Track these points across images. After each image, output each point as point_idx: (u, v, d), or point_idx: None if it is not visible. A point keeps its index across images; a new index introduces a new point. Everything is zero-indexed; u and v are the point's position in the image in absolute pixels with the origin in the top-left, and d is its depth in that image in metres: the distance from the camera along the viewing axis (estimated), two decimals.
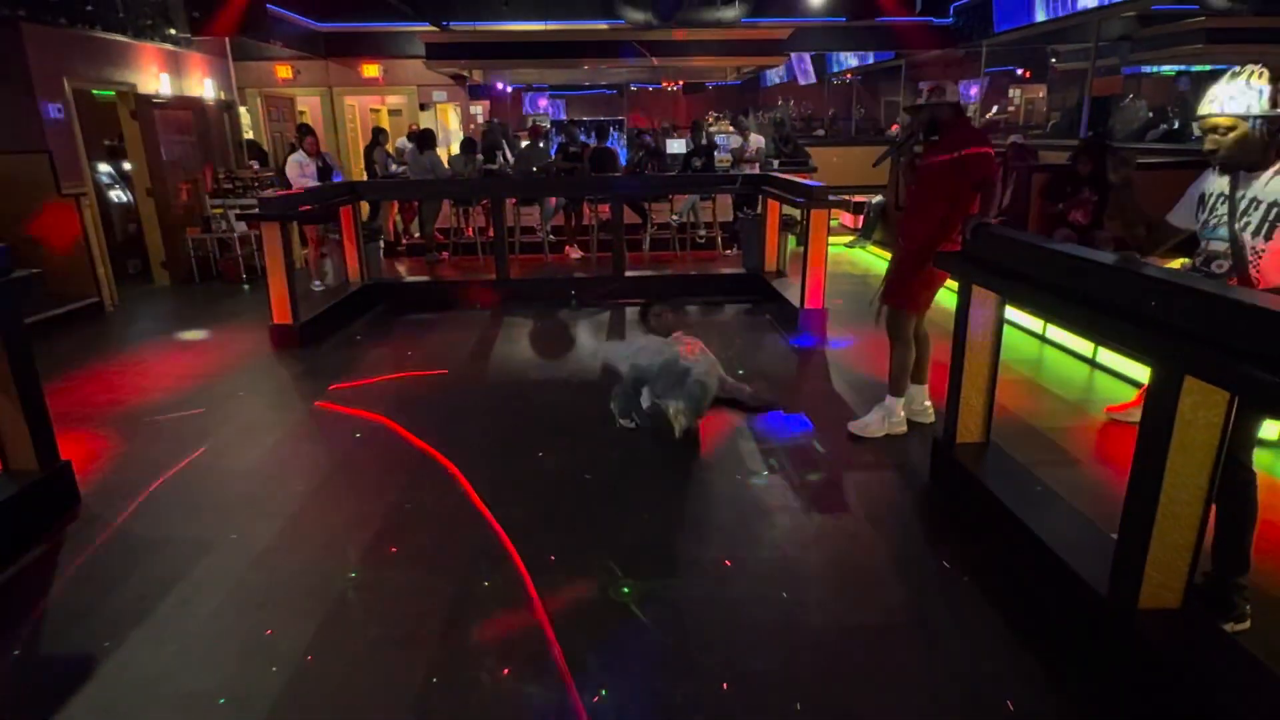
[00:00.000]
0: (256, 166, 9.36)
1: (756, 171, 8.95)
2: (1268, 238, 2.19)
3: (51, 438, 3.18)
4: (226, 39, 9.32)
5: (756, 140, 10.52)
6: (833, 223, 6.47)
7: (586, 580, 2.72)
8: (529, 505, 3.26)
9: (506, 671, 2.27)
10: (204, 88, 9.19)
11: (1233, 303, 1.82)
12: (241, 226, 8.07)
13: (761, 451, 3.74)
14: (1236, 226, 2.27)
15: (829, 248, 5.79)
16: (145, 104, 7.62)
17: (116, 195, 8.18)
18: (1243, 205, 2.26)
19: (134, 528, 3.15)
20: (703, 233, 9.26)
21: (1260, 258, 2.22)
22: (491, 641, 2.41)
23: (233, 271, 8.17)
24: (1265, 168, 2.22)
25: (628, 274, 7.06)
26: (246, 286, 7.84)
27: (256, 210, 5.63)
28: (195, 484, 3.53)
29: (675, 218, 9.05)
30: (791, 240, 7.41)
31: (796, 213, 6.83)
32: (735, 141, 10.75)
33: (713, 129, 12.48)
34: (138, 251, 8.13)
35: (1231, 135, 2.22)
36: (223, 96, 9.48)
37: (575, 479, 3.49)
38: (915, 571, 2.81)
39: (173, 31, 8.34)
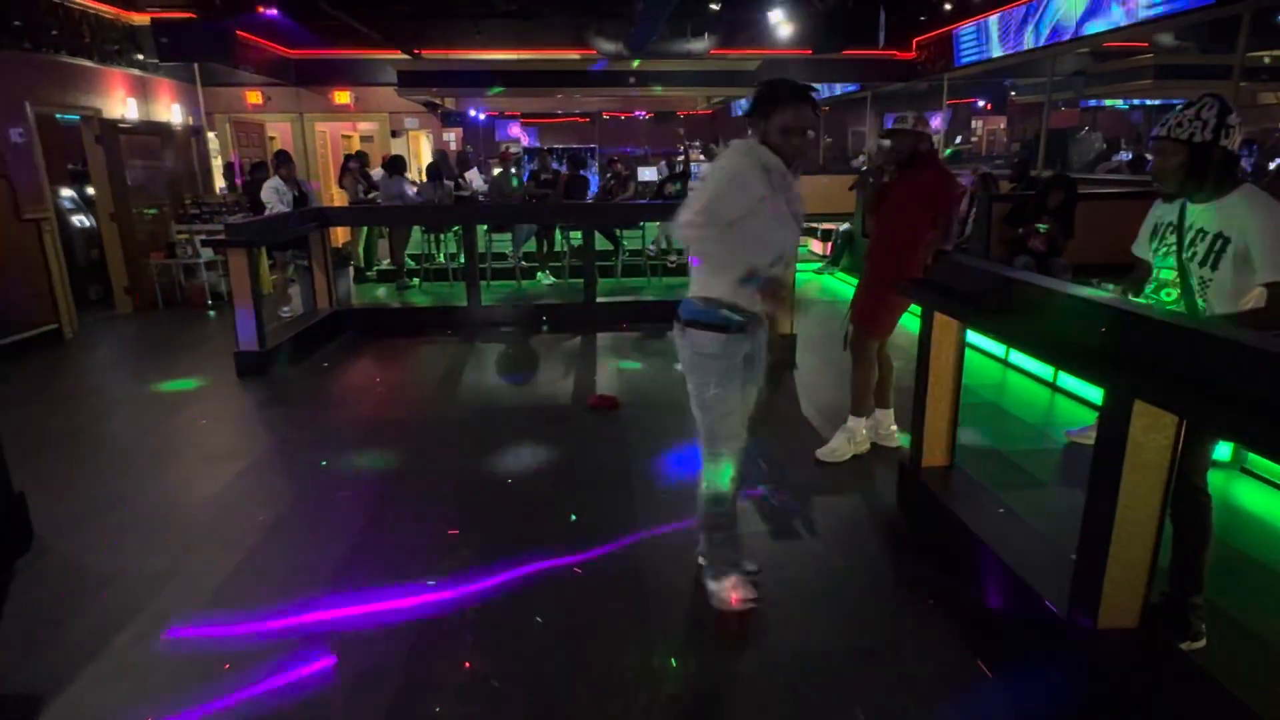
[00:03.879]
0: (225, 195, 9.28)
1: None
2: (1214, 267, 2.27)
3: (4, 468, 3.08)
4: (195, 65, 9.29)
5: None
6: (801, 250, 6.58)
7: (552, 610, 2.70)
8: (497, 535, 3.23)
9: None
10: (172, 113, 9.14)
11: (1178, 329, 1.89)
12: (208, 252, 7.98)
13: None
14: (1184, 256, 2.35)
15: (798, 274, 5.88)
16: (110, 129, 7.53)
17: (79, 220, 8.05)
18: (1189, 235, 2.34)
19: (89, 561, 3.06)
20: (674, 259, 9.34)
21: (1207, 286, 2.30)
22: (456, 672, 2.37)
23: (198, 298, 8.06)
24: (1211, 199, 2.29)
25: (599, 300, 7.09)
26: (212, 313, 7.73)
27: (223, 236, 5.58)
28: (153, 515, 3.45)
29: (651, 248, 9.12)
30: None
31: None
32: (706, 169, 10.91)
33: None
34: (100, 277, 7.98)
35: (1174, 160, 2.29)
36: (191, 122, 9.42)
37: (545, 506, 3.47)
38: (880, 594, 2.82)
39: (140, 57, 8.30)
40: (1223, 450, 3.63)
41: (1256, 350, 1.65)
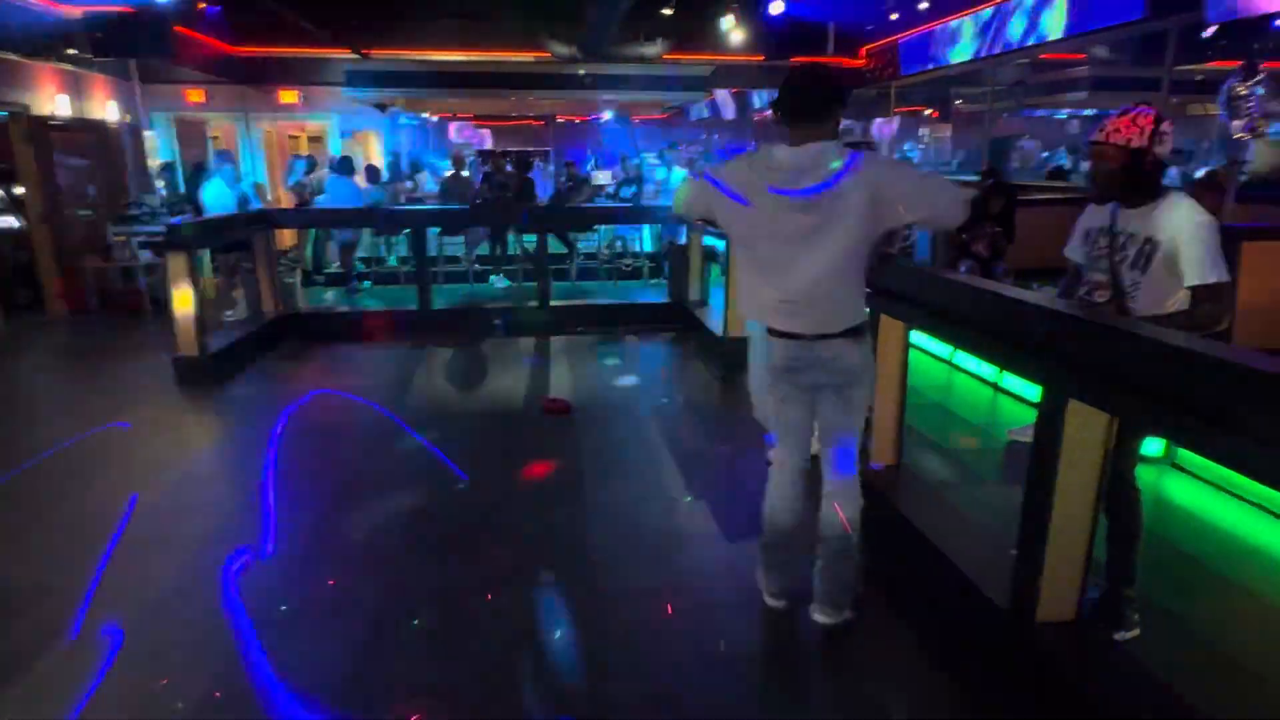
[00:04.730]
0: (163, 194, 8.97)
1: None
2: (1143, 271, 2.35)
3: None
4: (132, 61, 8.98)
5: (680, 173, 10.75)
6: None
7: (505, 611, 2.66)
8: (445, 536, 3.18)
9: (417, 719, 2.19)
10: (107, 110, 8.82)
11: (1110, 330, 1.95)
12: (146, 255, 7.70)
13: (683, 478, 3.77)
14: (1115, 259, 2.44)
15: None
16: (40, 126, 7.22)
17: (7, 222, 7.68)
18: (1121, 240, 2.43)
19: (13, 575, 2.91)
20: (628, 262, 9.35)
21: (1137, 289, 2.38)
22: (403, 687, 2.33)
23: (136, 302, 7.76)
24: (1141, 204, 2.37)
25: (553, 303, 7.05)
26: (151, 318, 7.45)
27: (161, 238, 5.38)
28: (83, 528, 3.30)
29: (605, 250, 9.13)
30: (715, 270, 7.55)
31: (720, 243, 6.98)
32: (661, 174, 10.97)
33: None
34: (30, 281, 7.63)
35: (1112, 164, 2.36)
36: (128, 119, 9.10)
37: (493, 510, 3.42)
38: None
39: (72, 51, 7.99)
40: (1155, 446, 3.77)
41: (1182, 350, 1.71)
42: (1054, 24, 7.99)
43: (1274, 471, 1.61)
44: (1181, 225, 2.27)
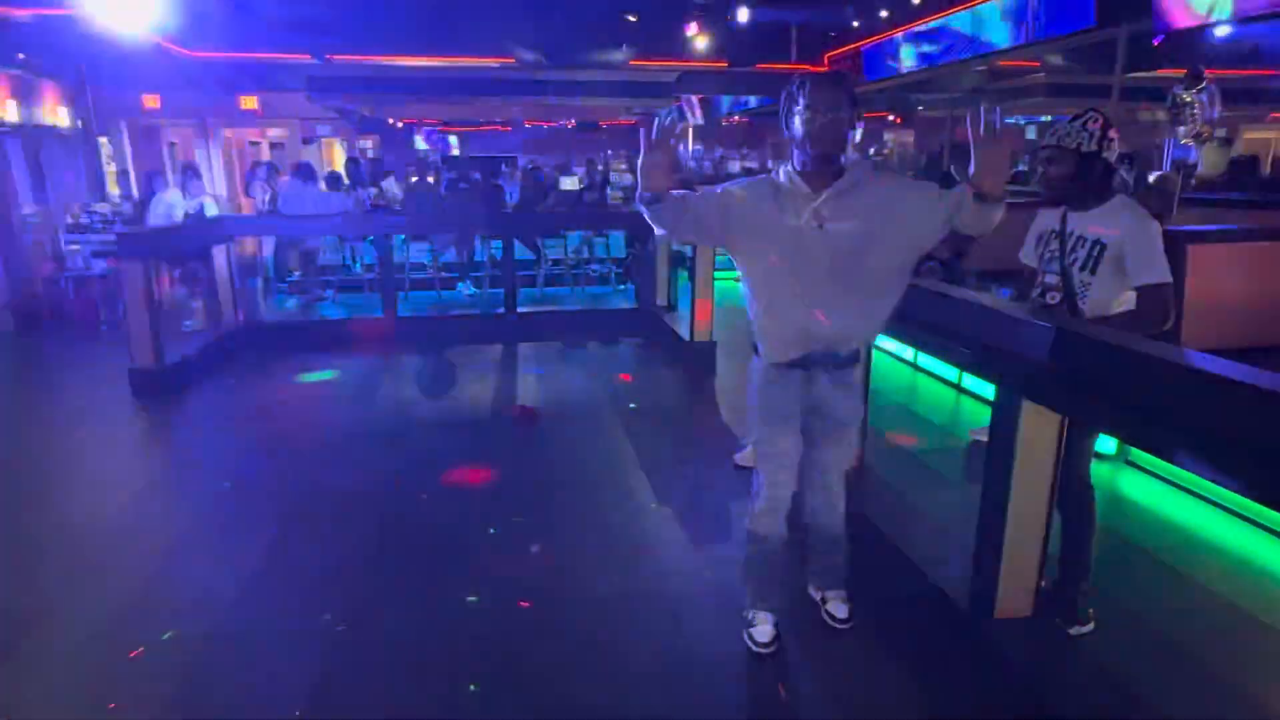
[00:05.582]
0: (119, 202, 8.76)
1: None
2: (1093, 272, 2.41)
3: None
4: (84, 65, 8.77)
5: None
6: (720, 258, 6.70)
7: (471, 615, 2.64)
8: (409, 553, 3.14)
9: None
10: (58, 116, 8.60)
11: (1060, 332, 2.00)
12: (100, 264, 7.51)
13: (650, 482, 3.77)
14: (1066, 261, 2.50)
15: (718, 282, 5.96)
16: None
17: None
18: (1071, 242, 2.49)
19: None
20: (595, 268, 9.34)
21: (1087, 290, 2.44)
22: (366, 696, 2.29)
23: (90, 313, 7.55)
24: (1091, 207, 2.44)
25: (520, 310, 7.02)
26: (106, 328, 7.27)
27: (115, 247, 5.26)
28: (34, 547, 3.20)
29: (572, 256, 9.11)
30: (683, 276, 7.58)
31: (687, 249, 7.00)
32: (629, 179, 10.99)
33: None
34: None
35: (1063, 168, 2.43)
36: (80, 126, 8.88)
37: (459, 521, 3.39)
38: (797, 594, 2.87)
39: (21, 56, 7.78)
40: (1110, 444, 3.86)
41: (1128, 351, 1.76)
42: (1008, 33, 8.18)
43: (1216, 466, 1.66)
44: (1127, 228, 2.33)
